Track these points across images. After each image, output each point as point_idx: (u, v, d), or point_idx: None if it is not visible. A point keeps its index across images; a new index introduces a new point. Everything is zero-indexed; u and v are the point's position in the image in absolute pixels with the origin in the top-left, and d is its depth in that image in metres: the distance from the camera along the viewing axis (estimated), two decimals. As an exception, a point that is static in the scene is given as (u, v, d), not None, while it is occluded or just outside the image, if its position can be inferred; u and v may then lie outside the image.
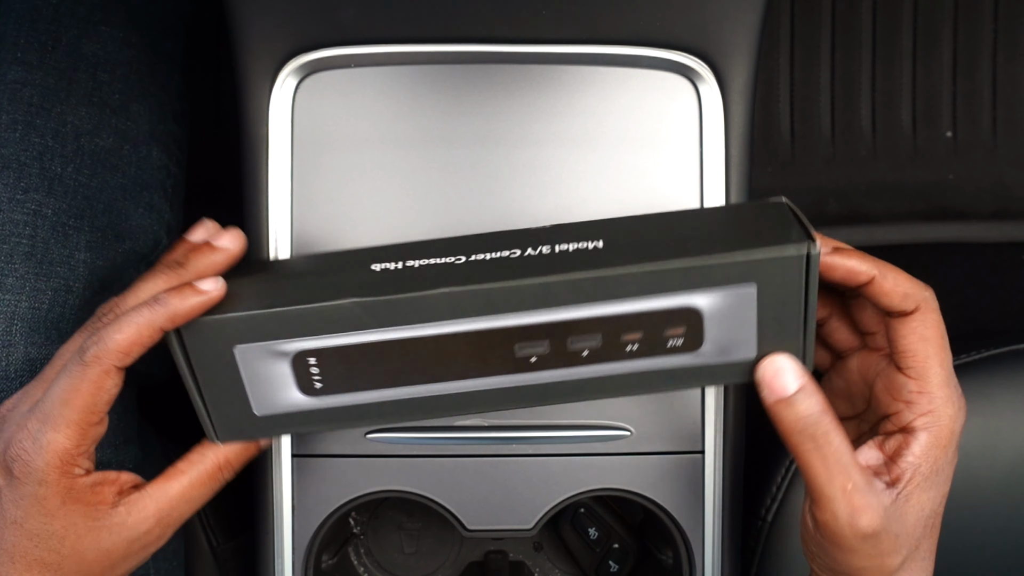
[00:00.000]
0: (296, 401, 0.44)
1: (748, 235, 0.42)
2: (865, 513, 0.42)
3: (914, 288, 0.43)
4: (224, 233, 0.44)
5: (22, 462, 0.41)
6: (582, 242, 0.43)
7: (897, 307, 0.43)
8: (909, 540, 0.44)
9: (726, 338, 0.43)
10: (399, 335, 0.42)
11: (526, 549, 0.61)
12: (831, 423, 0.42)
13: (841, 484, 0.42)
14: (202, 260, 0.43)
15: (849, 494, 0.42)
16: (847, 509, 0.42)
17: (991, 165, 0.98)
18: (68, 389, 0.40)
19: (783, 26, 0.99)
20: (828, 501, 0.42)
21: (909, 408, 0.44)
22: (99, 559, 0.43)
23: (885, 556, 0.43)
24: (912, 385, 0.44)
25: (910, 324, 0.43)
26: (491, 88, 0.49)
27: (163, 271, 0.44)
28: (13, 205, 0.51)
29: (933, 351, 0.43)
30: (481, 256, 0.43)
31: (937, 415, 0.43)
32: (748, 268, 0.41)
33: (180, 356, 0.42)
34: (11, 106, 0.54)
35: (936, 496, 0.44)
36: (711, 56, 0.49)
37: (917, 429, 0.43)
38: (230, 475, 0.46)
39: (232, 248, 0.44)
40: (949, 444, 0.44)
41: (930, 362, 0.43)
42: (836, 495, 0.42)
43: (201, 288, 0.41)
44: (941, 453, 0.44)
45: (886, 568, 0.44)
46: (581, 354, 0.43)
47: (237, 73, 0.50)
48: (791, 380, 0.42)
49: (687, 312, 0.42)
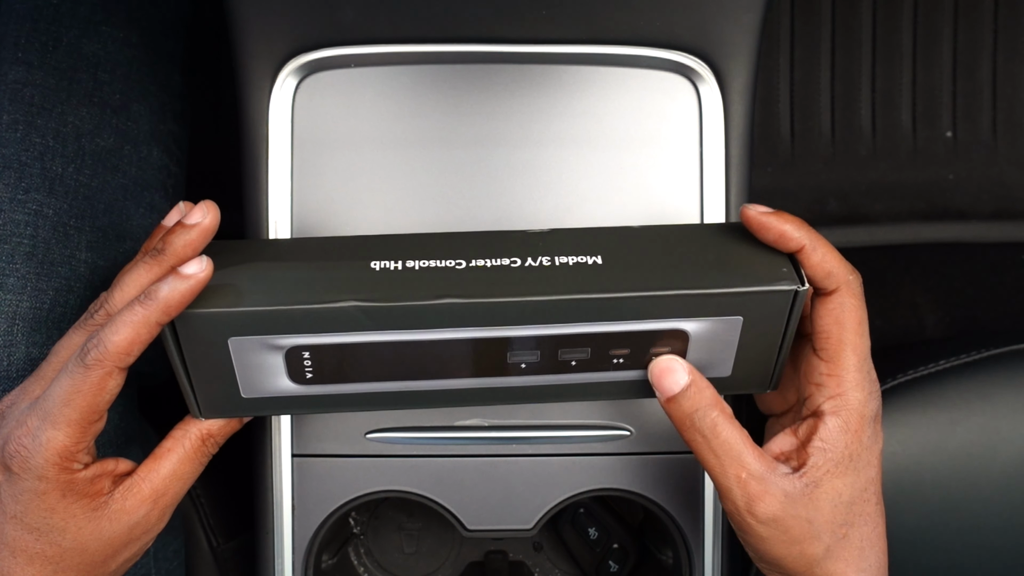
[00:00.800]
0: (285, 388, 0.44)
1: (741, 268, 0.43)
2: (761, 500, 0.42)
3: (840, 269, 0.43)
4: (195, 208, 0.43)
5: (21, 458, 0.41)
6: (581, 256, 0.43)
7: (819, 283, 0.43)
8: (828, 527, 0.43)
9: (706, 358, 0.44)
10: (395, 338, 0.42)
11: (526, 549, 0.61)
12: (719, 415, 0.43)
13: (735, 474, 0.43)
14: (178, 239, 0.42)
15: (744, 483, 0.42)
16: (743, 497, 0.43)
17: (991, 165, 0.98)
18: (70, 390, 0.40)
19: (783, 26, 0.99)
20: (726, 492, 0.43)
21: (819, 391, 0.44)
22: (101, 549, 0.43)
23: (803, 543, 0.43)
24: (823, 367, 0.44)
25: (828, 305, 0.44)
26: (491, 88, 0.49)
27: (144, 260, 0.43)
28: (14, 205, 0.51)
29: (847, 336, 0.43)
30: (482, 262, 0.43)
31: (846, 399, 0.43)
32: (740, 301, 0.42)
33: (171, 342, 0.42)
34: (12, 106, 0.54)
35: (855, 482, 0.44)
36: (711, 56, 0.49)
37: (825, 413, 0.44)
38: (214, 448, 0.46)
39: (204, 221, 0.43)
40: (860, 429, 0.44)
41: (843, 346, 0.43)
42: (731, 485, 0.43)
43: (186, 272, 0.40)
44: (852, 438, 0.43)
45: (807, 556, 0.44)
46: (569, 363, 0.44)
47: (237, 73, 0.50)
48: (679, 378, 0.43)
49: (675, 333, 0.43)
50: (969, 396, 0.46)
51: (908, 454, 0.56)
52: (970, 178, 0.98)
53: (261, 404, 0.45)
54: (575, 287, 0.42)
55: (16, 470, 0.41)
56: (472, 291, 0.42)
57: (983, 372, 0.58)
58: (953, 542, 0.57)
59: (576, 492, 0.52)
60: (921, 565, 0.57)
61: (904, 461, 0.57)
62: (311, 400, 0.45)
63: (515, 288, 0.42)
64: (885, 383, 0.58)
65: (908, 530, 0.57)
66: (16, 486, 0.41)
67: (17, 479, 0.41)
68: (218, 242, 0.44)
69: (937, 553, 0.56)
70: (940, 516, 0.57)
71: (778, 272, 0.43)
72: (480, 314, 0.42)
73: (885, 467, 0.56)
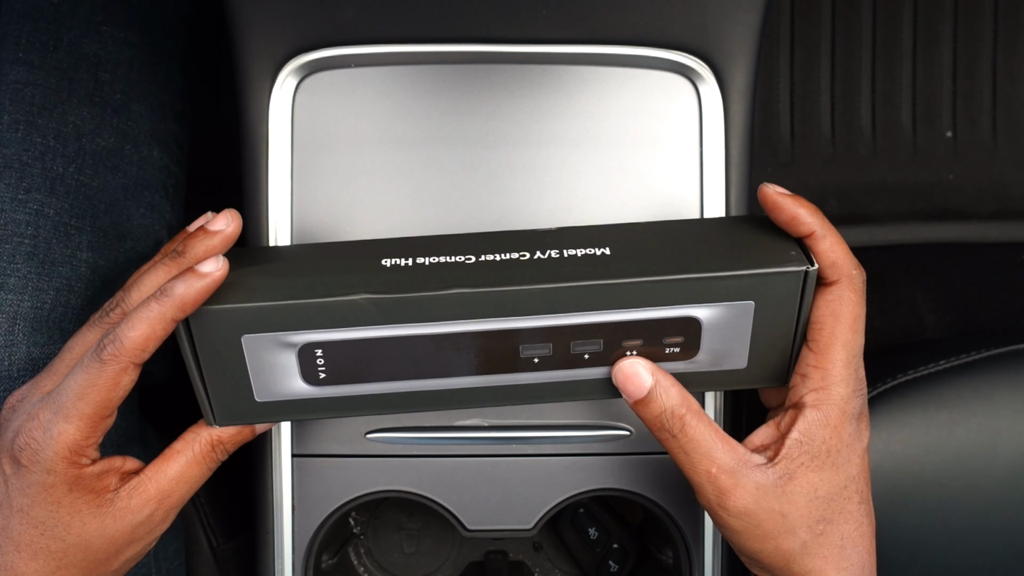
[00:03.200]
0: (299, 390, 0.44)
1: (750, 252, 0.43)
2: (732, 493, 0.42)
3: (845, 261, 0.43)
4: (219, 216, 0.44)
5: (31, 451, 0.41)
6: (590, 248, 0.43)
7: (822, 272, 0.43)
8: (804, 522, 0.43)
9: (720, 348, 0.44)
10: (407, 332, 0.42)
11: (526, 549, 0.61)
12: (687, 413, 0.43)
13: (704, 469, 0.43)
14: (199, 245, 0.43)
15: (714, 477, 0.42)
16: (714, 492, 0.43)
17: (991, 165, 0.98)
18: (84, 384, 0.40)
19: (783, 26, 0.99)
20: (698, 488, 0.43)
21: (803, 382, 0.44)
22: (104, 546, 0.43)
23: (777, 538, 0.43)
24: (811, 359, 0.43)
25: (827, 296, 0.43)
26: (491, 88, 0.49)
27: (163, 262, 0.44)
28: (15, 205, 0.51)
29: (840, 329, 0.43)
30: (491, 257, 0.43)
31: (828, 393, 0.43)
32: (750, 284, 0.42)
33: (186, 342, 0.42)
34: (13, 106, 0.54)
35: (832, 478, 0.43)
36: (711, 56, 0.49)
37: (807, 405, 0.43)
38: (223, 455, 0.46)
39: (227, 229, 0.43)
40: (841, 425, 0.43)
41: (834, 339, 0.43)
42: (702, 481, 0.43)
43: (202, 271, 0.41)
44: (831, 433, 0.43)
45: (783, 551, 0.43)
46: (582, 357, 0.44)
47: (237, 73, 0.50)
48: (643, 381, 0.43)
49: (687, 322, 0.43)
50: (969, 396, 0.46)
51: (908, 454, 0.56)
52: (970, 178, 0.98)
53: (275, 409, 0.45)
54: (585, 275, 0.42)
55: (25, 463, 0.41)
56: (482, 281, 0.41)
57: (983, 372, 0.58)
58: (953, 542, 0.57)
59: (576, 492, 0.52)
60: (921, 565, 0.57)
61: (904, 461, 0.57)
62: (325, 403, 0.45)
63: (525, 277, 0.42)
64: (885, 383, 0.58)
65: (908, 530, 0.57)
66: (24, 479, 0.41)
67: (26, 472, 0.41)
68: (233, 248, 0.44)
69: (937, 553, 0.56)
70: (940, 516, 0.57)
71: (787, 255, 0.42)
72: (490, 304, 0.41)
73: (885, 467, 0.56)
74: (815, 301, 0.44)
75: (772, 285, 0.42)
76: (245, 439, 0.46)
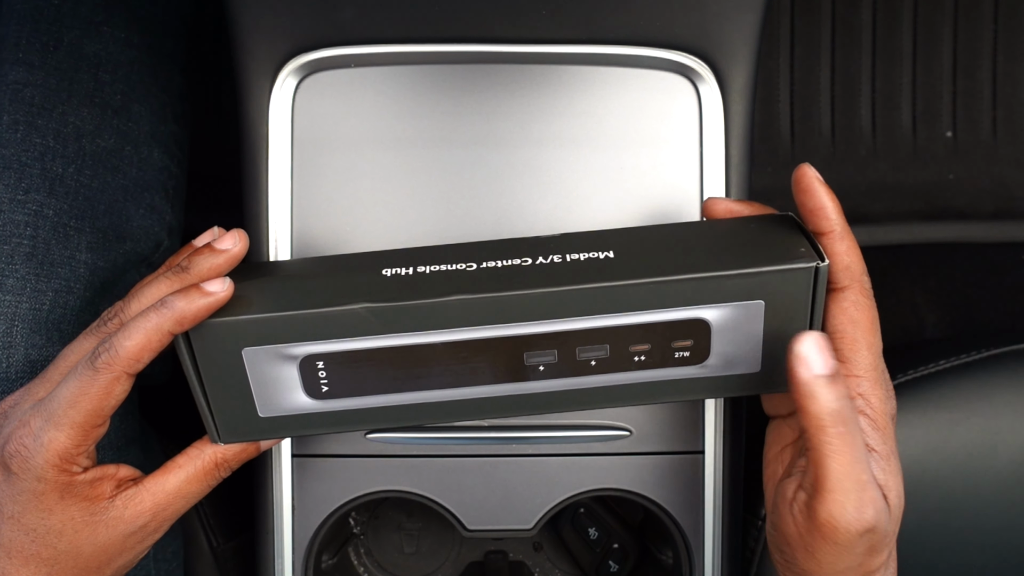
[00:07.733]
0: (301, 404, 0.44)
1: (758, 250, 0.42)
2: (871, 506, 0.40)
3: (858, 266, 0.42)
4: (227, 235, 0.44)
5: (21, 458, 0.41)
6: (593, 252, 0.42)
7: (834, 275, 0.42)
8: (892, 536, 0.42)
9: (731, 352, 0.43)
10: (409, 341, 0.42)
11: (526, 549, 0.61)
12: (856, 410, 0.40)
13: (857, 475, 0.39)
14: (205, 262, 0.43)
15: (863, 485, 0.39)
16: (857, 501, 0.39)
17: (991, 165, 0.98)
18: (76, 392, 0.40)
19: (783, 26, 0.99)
20: (841, 492, 0.39)
21: None
22: (96, 554, 0.43)
23: (873, 553, 0.41)
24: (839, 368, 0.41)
25: (841, 304, 0.42)
26: (491, 88, 0.49)
27: (166, 275, 0.44)
28: (14, 206, 0.51)
29: (862, 334, 0.42)
30: (492, 264, 0.42)
31: (867, 398, 0.42)
32: (759, 282, 0.41)
33: (187, 357, 0.42)
34: (12, 107, 0.54)
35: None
36: (711, 56, 0.49)
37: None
38: (226, 473, 0.46)
39: (234, 249, 0.44)
40: (886, 428, 0.42)
41: (858, 344, 0.42)
42: (851, 487, 0.39)
43: (208, 290, 0.41)
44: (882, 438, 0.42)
45: (865, 568, 0.42)
46: (589, 364, 0.43)
47: (237, 73, 0.50)
48: (829, 357, 0.39)
49: (695, 324, 0.42)
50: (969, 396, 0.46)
51: (908, 454, 0.56)
52: (970, 178, 0.98)
53: (279, 424, 0.44)
54: (589, 277, 0.41)
55: (15, 470, 0.41)
56: (483, 287, 0.41)
57: (983, 372, 0.58)
58: (953, 542, 0.57)
59: (576, 492, 0.52)
60: (921, 565, 0.57)
61: (904, 461, 0.56)
62: (329, 418, 0.44)
63: (527, 282, 0.41)
64: (885, 383, 0.58)
65: (908, 530, 0.57)
66: (15, 486, 0.41)
67: (16, 479, 0.41)
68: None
69: (937, 553, 0.56)
70: (940, 516, 0.57)
71: (796, 251, 0.41)
72: (492, 310, 0.41)
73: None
74: (830, 310, 0.42)
75: (782, 283, 0.41)
76: (250, 456, 0.46)
